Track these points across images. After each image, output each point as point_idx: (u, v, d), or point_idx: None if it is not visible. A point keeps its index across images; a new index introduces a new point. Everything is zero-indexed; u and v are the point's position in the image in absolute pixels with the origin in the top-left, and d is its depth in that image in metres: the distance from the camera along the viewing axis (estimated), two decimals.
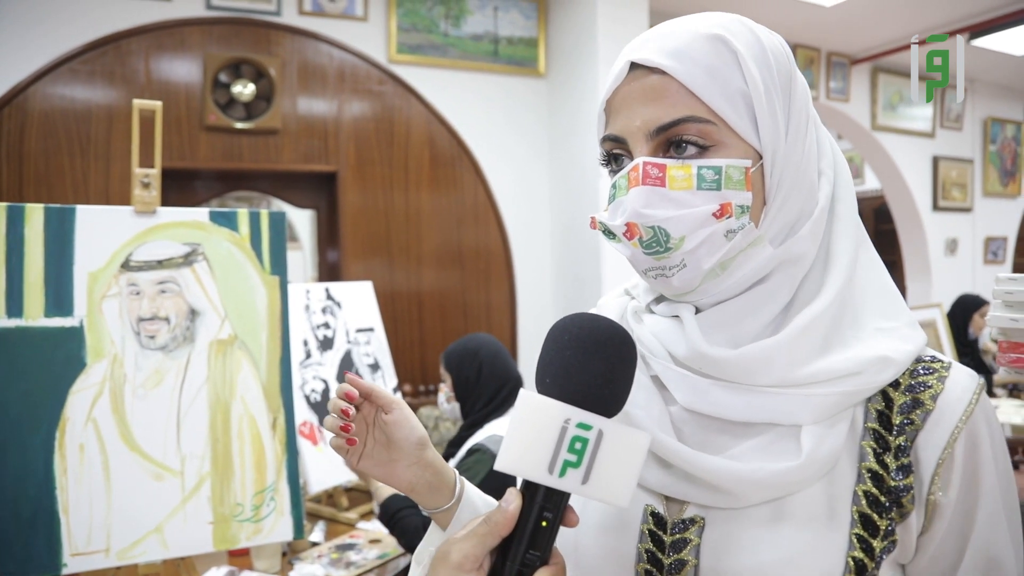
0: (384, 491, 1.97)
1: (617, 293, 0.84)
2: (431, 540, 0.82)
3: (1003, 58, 5.21)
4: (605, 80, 0.69)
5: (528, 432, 0.58)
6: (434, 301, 3.90)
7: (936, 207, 5.80)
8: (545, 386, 0.60)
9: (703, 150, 0.63)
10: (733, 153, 0.64)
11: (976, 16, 4.53)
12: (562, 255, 4.08)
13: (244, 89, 3.38)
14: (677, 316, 0.69)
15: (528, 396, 0.59)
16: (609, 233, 0.68)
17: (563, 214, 4.05)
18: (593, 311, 0.80)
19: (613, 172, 0.69)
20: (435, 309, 3.91)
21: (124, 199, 3.18)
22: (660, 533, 0.66)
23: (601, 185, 3.65)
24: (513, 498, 0.59)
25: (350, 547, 2.10)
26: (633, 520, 0.68)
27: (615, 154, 0.68)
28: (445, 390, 2.16)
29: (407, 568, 1.99)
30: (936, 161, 5.79)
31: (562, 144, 4.02)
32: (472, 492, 0.83)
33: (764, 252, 0.66)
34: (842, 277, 0.67)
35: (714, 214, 0.62)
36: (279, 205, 4.20)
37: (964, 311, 4.72)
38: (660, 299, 0.74)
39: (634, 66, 0.65)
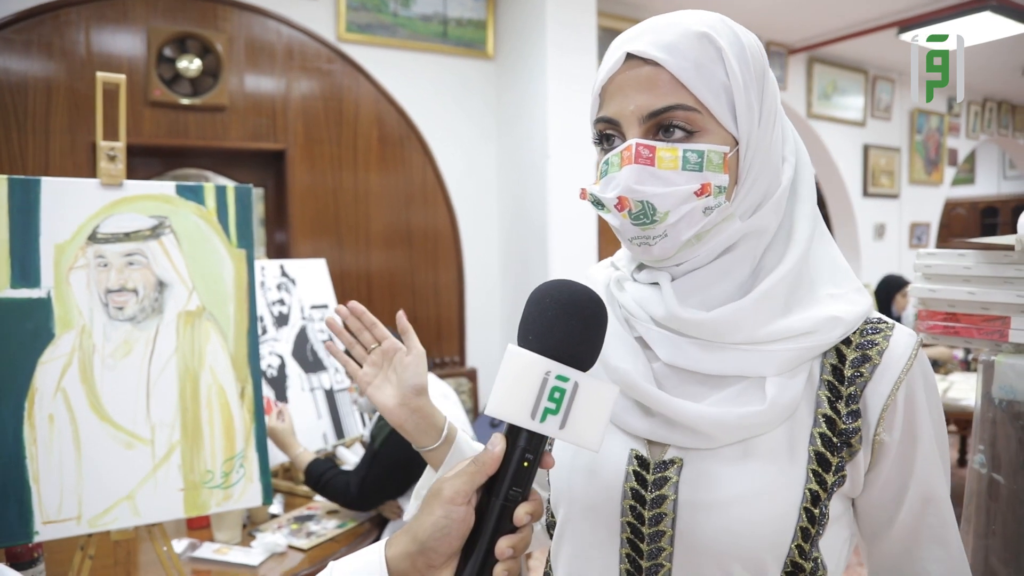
0: (304, 458, 2.15)
1: (603, 264, 0.92)
2: (426, 480, 0.96)
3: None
4: (603, 67, 0.77)
5: (514, 382, 0.65)
6: (383, 281, 3.92)
7: (866, 193, 6.07)
8: (528, 342, 0.67)
9: (688, 135, 0.72)
10: (714, 139, 0.72)
11: (906, 11, 4.75)
12: (509, 236, 4.14)
13: (190, 64, 3.32)
14: (656, 283, 0.78)
15: (515, 350, 0.66)
16: (599, 204, 0.76)
17: (510, 196, 4.11)
18: (581, 279, 0.89)
19: (605, 151, 0.77)
20: (384, 289, 3.93)
21: (64, 174, 3.13)
22: (643, 473, 0.75)
23: (549, 167, 3.72)
24: (498, 441, 0.67)
25: (309, 518, 2.14)
26: (620, 462, 0.77)
27: (607, 134, 0.77)
28: (354, 386, 2.23)
29: (377, 538, 2.06)
30: (866, 149, 6.05)
31: (510, 126, 4.07)
32: (463, 440, 0.95)
33: (734, 225, 0.75)
34: (800, 249, 0.76)
35: (695, 192, 0.70)
36: (220, 183, 4.14)
37: (888, 290, 4.98)
38: (641, 267, 0.82)
39: (629, 56, 0.73)
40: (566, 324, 0.67)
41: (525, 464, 0.66)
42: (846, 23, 4.99)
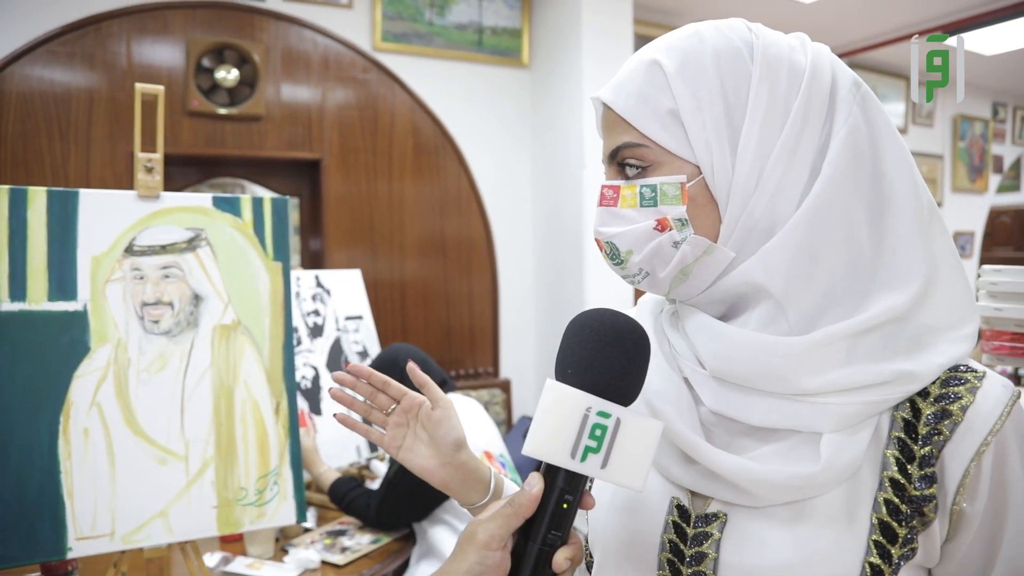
0: (327, 477, 2.18)
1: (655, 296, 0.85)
2: None
3: (972, 57, 5.33)
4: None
5: (553, 419, 0.61)
6: (417, 290, 3.90)
7: None
8: (567, 376, 0.63)
9: (643, 170, 0.69)
10: (669, 170, 0.68)
11: (948, 16, 4.63)
12: (544, 245, 4.11)
13: (228, 75, 3.34)
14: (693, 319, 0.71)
15: (553, 385, 0.62)
16: None
17: (545, 205, 4.07)
18: (634, 309, 0.83)
19: None
20: (418, 298, 3.91)
21: (104, 184, 3.16)
22: (684, 525, 0.68)
23: (584, 176, 3.68)
24: (536, 481, 0.62)
25: (342, 533, 2.11)
26: (659, 511, 0.70)
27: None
28: None
29: (406, 562, 2.03)
30: None
31: (544, 135, 4.04)
32: (511, 489, 0.85)
33: (725, 259, 0.67)
34: (892, 304, 0.65)
35: (654, 228, 0.68)
36: (256, 192, 4.17)
37: None
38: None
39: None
40: (607, 356, 0.62)
41: (564, 506, 0.62)
42: (887, 28, 4.88)
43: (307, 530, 2.14)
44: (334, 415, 0.86)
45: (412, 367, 0.84)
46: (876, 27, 4.84)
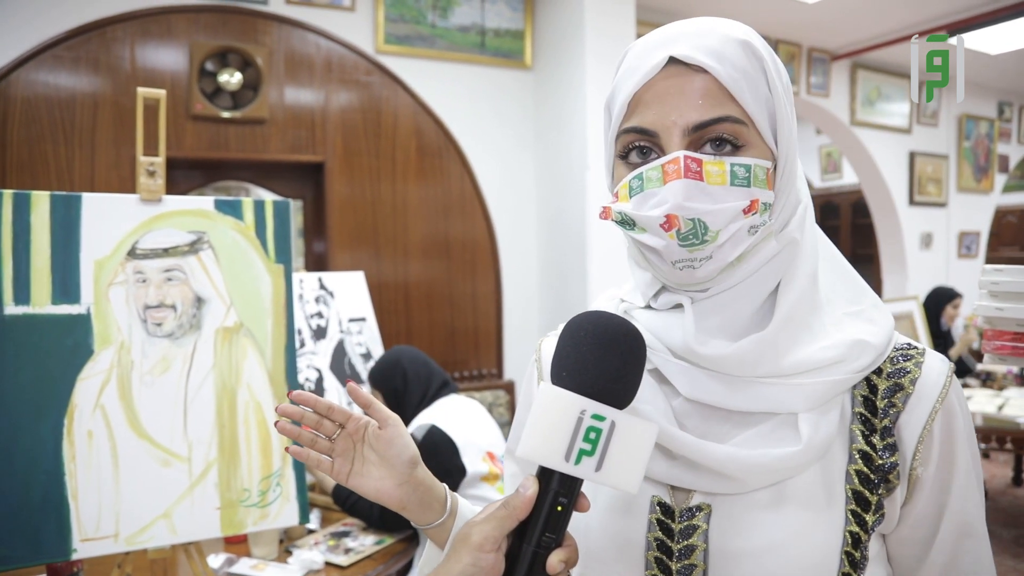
0: (331, 479, 2.11)
1: (608, 296, 0.85)
2: (429, 558, 0.83)
3: (978, 56, 5.31)
4: (632, 72, 0.69)
5: (547, 422, 0.62)
6: (421, 292, 3.91)
7: (912, 202, 5.91)
8: (561, 379, 0.63)
9: (735, 148, 0.66)
10: (758, 153, 0.67)
11: (953, 15, 4.62)
12: (548, 247, 4.11)
13: (231, 78, 3.36)
14: (678, 305, 0.72)
15: (548, 388, 0.62)
16: (628, 223, 0.69)
17: (548, 206, 4.07)
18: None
19: (632, 165, 0.70)
20: (422, 300, 3.92)
21: (109, 188, 3.17)
22: (668, 521, 0.70)
23: (588, 177, 3.68)
24: (530, 484, 0.63)
25: (345, 534, 2.12)
26: (640, 510, 0.71)
27: (640, 146, 0.69)
28: None
29: (409, 563, 2.03)
30: (912, 156, 5.89)
31: (548, 136, 4.04)
32: (465, 507, 0.84)
33: (770, 245, 0.70)
34: (809, 264, 0.71)
35: (744, 210, 0.64)
36: (260, 195, 4.18)
37: (937, 303, 4.83)
38: (658, 293, 0.75)
39: (671, 61, 0.67)
40: (602, 359, 0.63)
41: (559, 508, 0.62)
42: (891, 27, 4.87)
43: (311, 531, 2.15)
44: (285, 448, 0.82)
45: (352, 387, 0.78)
46: (879, 27, 4.84)
